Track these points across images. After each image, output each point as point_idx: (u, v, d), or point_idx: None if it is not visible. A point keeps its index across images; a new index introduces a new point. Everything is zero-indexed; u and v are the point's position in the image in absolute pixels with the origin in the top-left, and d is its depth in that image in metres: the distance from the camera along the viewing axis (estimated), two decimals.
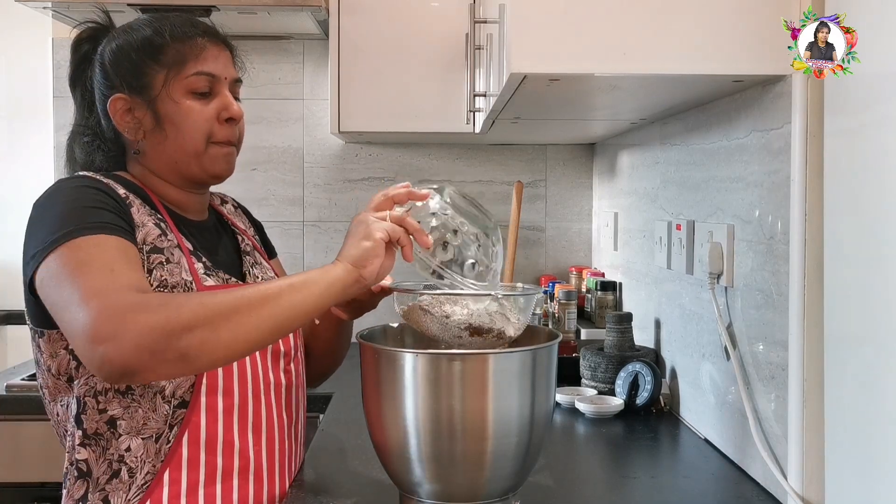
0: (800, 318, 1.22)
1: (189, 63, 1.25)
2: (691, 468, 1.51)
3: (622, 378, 1.80)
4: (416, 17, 2.34)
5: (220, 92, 1.27)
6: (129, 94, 1.25)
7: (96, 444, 1.18)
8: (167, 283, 1.18)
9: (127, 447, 1.17)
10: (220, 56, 1.28)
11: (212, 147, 1.27)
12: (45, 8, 2.31)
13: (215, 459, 1.19)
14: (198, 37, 1.26)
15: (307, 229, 2.79)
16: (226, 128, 1.28)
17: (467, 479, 1.14)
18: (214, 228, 1.38)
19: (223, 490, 1.20)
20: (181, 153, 1.26)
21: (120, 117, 1.26)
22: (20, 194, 2.89)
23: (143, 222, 1.20)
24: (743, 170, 1.43)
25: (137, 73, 1.25)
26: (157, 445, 1.17)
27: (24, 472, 2.10)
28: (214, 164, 1.28)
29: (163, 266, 1.19)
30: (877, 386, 1.05)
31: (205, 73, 1.25)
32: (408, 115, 2.35)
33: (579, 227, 2.83)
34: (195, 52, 1.25)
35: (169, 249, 1.21)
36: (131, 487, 1.17)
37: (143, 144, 1.27)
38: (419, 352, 1.14)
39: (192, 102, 1.25)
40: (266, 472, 1.25)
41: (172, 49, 1.25)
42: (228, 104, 1.27)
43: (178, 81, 1.24)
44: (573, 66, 1.26)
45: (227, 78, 1.29)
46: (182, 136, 1.25)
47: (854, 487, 1.11)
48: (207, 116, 1.26)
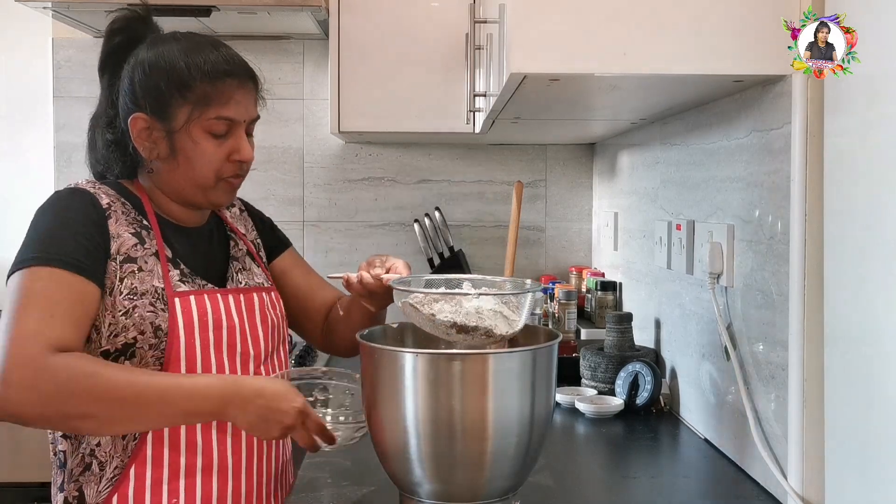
0: (800, 318, 1.22)
1: (213, 107, 1.29)
2: (691, 468, 1.51)
3: (622, 378, 1.80)
4: (416, 17, 2.34)
5: (236, 134, 1.32)
6: (150, 116, 1.29)
7: (74, 437, 1.26)
8: (137, 291, 1.24)
9: (97, 442, 1.25)
10: (245, 99, 1.32)
11: (220, 183, 1.33)
12: (45, 8, 2.31)
13: (178, 457, 1.25)
14: (227, 78, 1.30)
15: (307, 229, 2.79)
16: (234, 166, 1.33)
17: (467, 479, 1.14)
18: (208, 234, 1.41)
19: (186, 485, 1.25)
20: (189, 184, 1.32)
21: (138, 135, 1.30)
22: (20, 194, 2.89)
23: (119, 233, 1.26)
24: (743, 170, 1.43)
25: (162, 102, 1.28)
26: (123, 442, 1.24)
27: (24, 472, 2.10)
28: (219, 197, 1.35)
29: (134, 275, 1.25)
30: (877, 386, 1.05)
31: (226, 119, 1.30)
32: (408, 115, 2.35)
33: (579, 227, 2.83)
34: (222, 97, 1.29)
35: (143, 258, 1.27)
36: (101, 480, 1.24)
37: (155, 164, 1.32)
38: (419, 352, 1.14)
39: (207, 143, 1.30)
40: (231, 468, 1.29)
41: (200, 88, 1.28)
42: (241, 148, 1.32)
43: (199, 122, 1.29)
44: (573, 66, 1.26)
45: (246, 120, 1.33)
46: (192, 171, 1.31)
47: (854, 487, 1.11)
48: (220, 157, 1.31)
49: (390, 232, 2.79)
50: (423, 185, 2.79)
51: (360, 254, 2.78)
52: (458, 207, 2.79)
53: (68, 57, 2.70)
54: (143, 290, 1.24)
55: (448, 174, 2.80)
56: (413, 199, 2.78)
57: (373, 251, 2.78)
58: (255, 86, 1.35)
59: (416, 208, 2.77)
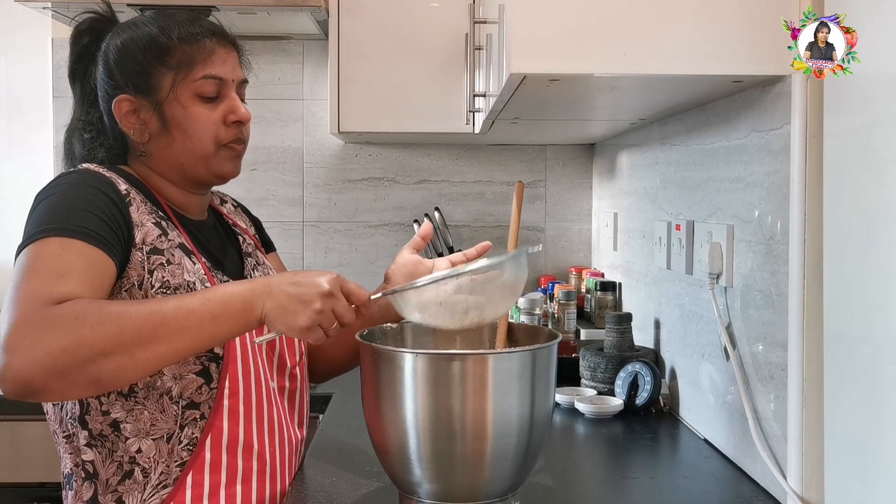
0: (799, 318, 1.22)
1: (197, 66, 1.23)
2: (691, 468, 1.51)
3: (622, 378, 1.80)
4: (416, 17, 2.34)
5: (228, 95, 1.27)
6: (134, 95, 1.24)
7: (102, 445, 1.18)
8: (170, 285, 1.17)
9: (137, 449, 1.17)
10: (228, 58, 1.27)
11: (221, 150, 1.27)
12: (44, 8, 2.31)
13: (236, 462, 1.21)
14: (206, 38, 1.25)
15: (307, 229, 2.79)
16: (233, 130, 1.27)
17: (467, 479, 1.14)
18: (214, 228, 1.37)
19: (243, 490, 1.22)
20: (189, 156, 1.25)
21: (125, 118, 1.25)
22: (20, 194, 2.89)
23: (143, 222, 1.19)
24: (743, 170, 1.43)
25: (144, 74, 1.23)
26: (168, 446, 1.17)
27: (24, 472, 2.10)
28: (222, 167, 1.28)
29: (164, 267, 1.18)
30: (877, 386, 1.05)
31: (213, 77, 1.24)
32: (408, 115, 2.35)
33: (579, 227, 2.83)
34: (203, 55, 1.24)
35: (169, 250, 1.20)
36: (146, 488, 1.17)
37: (148, 146, 1.26)
38: (419, 352, 1.14)
39: (199, 107, 1.24)
40: (279, 471, 1.28)
41: (180, 51, 1.23)
42: (236, 107, 1.26)
43: (185, 85, 1.23)
44: (573, 66, 1.26)
45: (235, 80, 1.28)
46: (190, 140, 1.24)
47: (854, 487, 1.11)
48: (215, 120, 1.25)
49: (390, 232, 2.79)
50: (422, 186, 2.79)
51: (359, 254, 2.78)
52: (457, 208, 2.79)
53: (68, 57, 2.69)
54: (177, 284, 1.17)
55: (448, 174, 2.80)
56: (413, 200, 2.78)
57: (372, 251, 2.78)
58: (235, 48, 1.30)
59: (415, 208, 2.77)
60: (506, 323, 1.32)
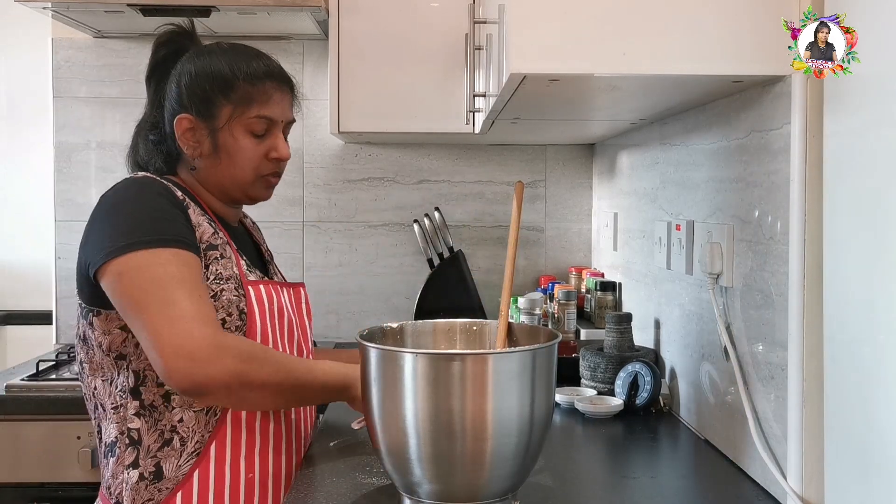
0: (799, 319, 1.22)
1: (254, 106, 1.40)
2: (691, 468, 1.51)
3: (622, 378, 1.80)
4: (416, 17, 2.34)
5: (275, 133, 1.44)
6: (195, 117, 1.40)
7: (149, 415, 1.32)
8: (222, 276, 1.34)
9: (180, 419, 1.32)
10: (283, 101, 1.44)
11: (259, 180, 1.44)
12: (44, 8, 2.31)
13: (254, 439, 1.36)
14: (267, 80, 1.42)
15: (307, 229, 2.79)
16: (272, 165, 1.45)
17: (467, 479, 1.14)
18: (245, 235, 1.56)
19: (260, 461, 1.37)
20: (230, 180, 1.43)
21: (183, 135, 1.41)
22: (20, 194, 2.89)
23: (199, 222, 1.36)
24: (743, 170, 1.43)
25: (207, 102, 1.40)
26: (206, 417, 1.33)
27: (24, 472, 2.11)
28: (258, 193, 1.47)
29: (218, 261, 1.35)
30: (876, 386, 1.05)
31: (265, 118, 1.41)
32: (408, 115, 2.35)
33: (579, 227, 2.83)
34: (262, 97, 1.41)
35: (222, 246, 1.37)
36: (182, 455, 1.32)
37: (198, 162, 1.43)
38: (419, 352, 1.14)
39: (247, 140, 1.41)
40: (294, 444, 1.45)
41: (242, 89, 1.40)
42: (279, 146, 1.44)
43: (240, 120, 1.40)
44: (573, 66, 1.26)
45: (283, 121, 1.45)
46: (233, 167, 1.42)
47: (854, 487, 1.11)
48: (259, 154, 1.42)
49: (390, 232, 2.79)
50: (422, 186, 2.79)
51: (359, 254, 2.79)
52: (457, 208, 2.79)
53: (68, 57, 2.69)
54: (228, 276, 1.35)
55: (448, 174, 2.80)
56: (413, 200, 2.78)
57: (372, 251, 2.78)
58: (291, 90, 1.47)
59: (415, 208, 2.77)
60: (506, 323, 1.32)
